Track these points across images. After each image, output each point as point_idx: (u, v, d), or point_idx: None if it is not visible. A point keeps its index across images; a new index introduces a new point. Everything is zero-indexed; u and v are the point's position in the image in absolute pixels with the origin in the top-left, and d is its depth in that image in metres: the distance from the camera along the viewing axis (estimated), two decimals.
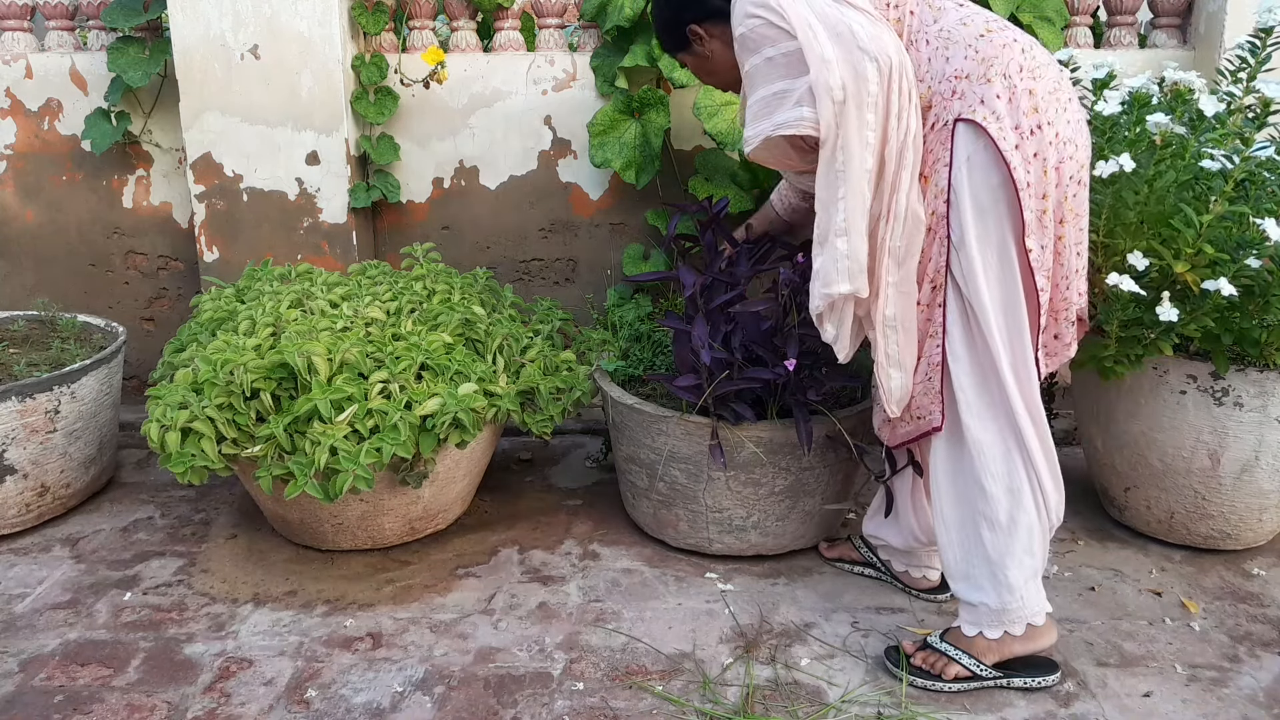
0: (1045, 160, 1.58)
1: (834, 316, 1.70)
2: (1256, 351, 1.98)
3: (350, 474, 1.89)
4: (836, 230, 1.61)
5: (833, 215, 1.61)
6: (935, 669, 1.74)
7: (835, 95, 1.55)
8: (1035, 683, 1.73)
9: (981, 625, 1.73)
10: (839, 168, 1.58)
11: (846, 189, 1.59)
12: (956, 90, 1.61)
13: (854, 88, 1.55)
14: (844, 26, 1.56)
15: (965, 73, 1.60)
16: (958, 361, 1.66)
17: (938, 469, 1.74)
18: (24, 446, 2.22)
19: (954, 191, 1.60)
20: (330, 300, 2.25)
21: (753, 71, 1.66)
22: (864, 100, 1.55)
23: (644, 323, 2.47)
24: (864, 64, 1.54)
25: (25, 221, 3.01)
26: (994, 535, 1.68)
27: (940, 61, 1.63)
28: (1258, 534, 2.17)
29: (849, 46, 1.55)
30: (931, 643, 1.78)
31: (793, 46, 1.58)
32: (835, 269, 1.63)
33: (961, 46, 1.62)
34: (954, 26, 1.65)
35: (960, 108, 1.60)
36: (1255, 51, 2.03)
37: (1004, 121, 1.57)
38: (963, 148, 1.59)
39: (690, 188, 2.69)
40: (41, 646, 1.87)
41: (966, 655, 1.73)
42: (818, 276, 1.66)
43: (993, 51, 1.60)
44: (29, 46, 2.90)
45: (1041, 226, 1.60)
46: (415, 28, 2.81)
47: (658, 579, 2.10)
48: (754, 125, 1.68)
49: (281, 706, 1.69)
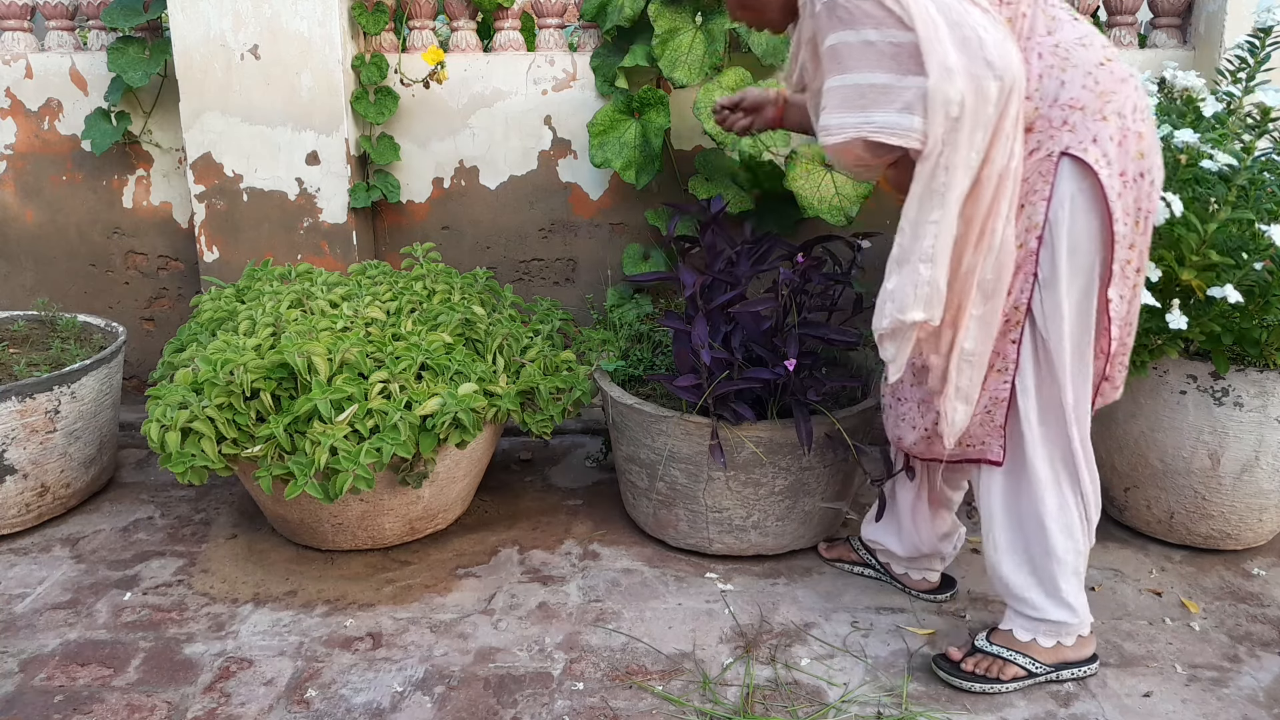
0: (1140, 210, 1.52)
1: (898, 339, 1.57)
2: (1256, 351, 1.98)
3: (350, 474, 1.89)
4: (922, 255, 1.47)
5: (921, 238, 1.47)
6: (991, 672, 1.73)
7: (952, 111, 1.39)
8: (1081, 672, 1.76)
9: (1037, 634, 1.75)
10: (939, 188, 1.44)
11: (942, 213, 1.45)
12: (1068, 121, 1.50)
13: (972, 104, 1.39)
14: (970, 30, 1.39)
15: (1081, 103, 1.49)
16: (1027, 397, 1.61)
17: (993, 499, 1.71)
18: (24, 446, 2.22)
19: (1050, 229, 1.52)
20: (330, 300, 2.25)
21: (842, 49, 1.47)
22: (979, 120, 1.40)
23: (644, 323, 2.47)
24: (988, 80, 1.38)
25: (25, 221, 3.01)
26: (1049, 563, 1.68)
27: (1053, 84, 1.51)
28: (1258, 534, 2.17)
29: (974, 56, 1.38)
30: (980, 646, 1.77)
31: (906, 39, 1.40)
32: (914, 294, 1.49)
33: (1080, 72, 1.50)
34: (1071, 45, 1.52)
35: (1070, 141, 1.49)
36: (1255, 51, 2.03)
37: (1113, 166, 1.48)
38: (1067, 185, 1.50)
39: (690, 188, 2.69)
40: (41, 646, 1.87)
41: (1022, 655, 1.74)
42: (891, 297, 1.53)
43: (1112, 85, 1.50)
44: (29, 46, 2.90)
45: (1124, 277, 1.55)
46: (415, 28, 2.81)
47: (658, 579, 2.10)
48: (839, 114, 1.49)
49: (281, 706, 1.69)
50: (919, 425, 1.77)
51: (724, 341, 2.00)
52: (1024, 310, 1.57)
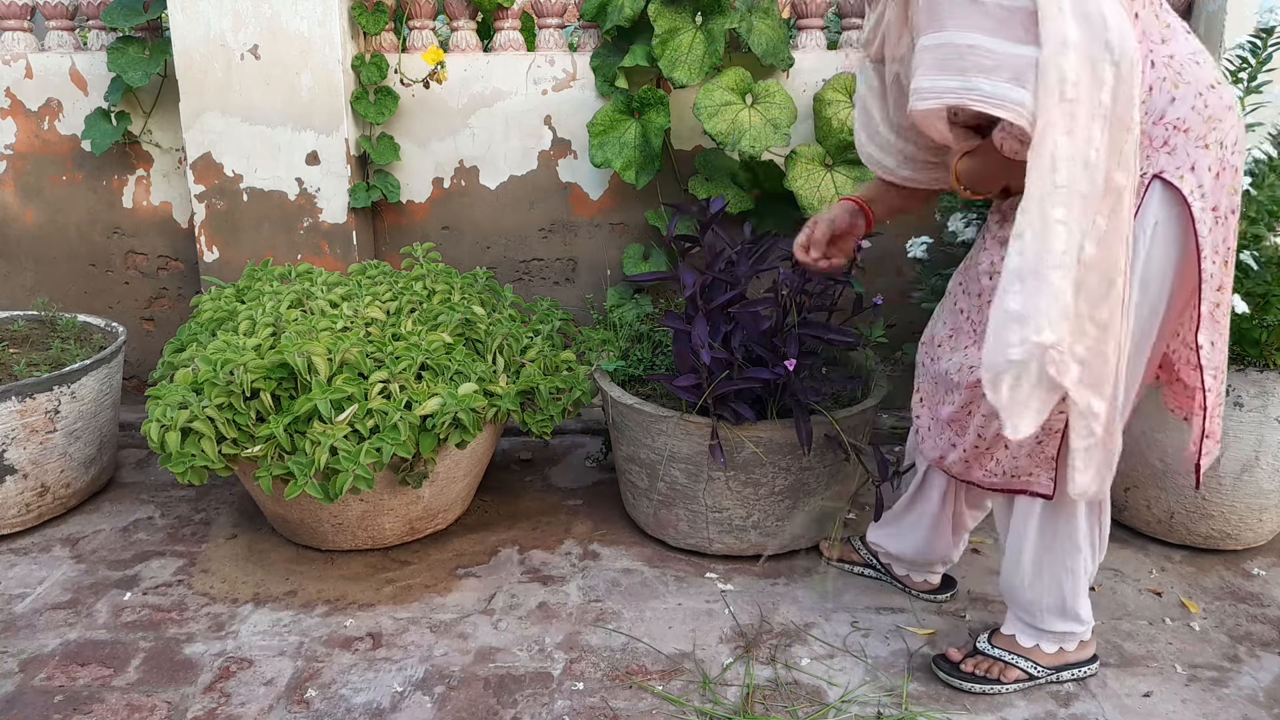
0: (1230, 249, 1.42)
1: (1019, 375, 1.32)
2: (1256, 352, 1.98)
3: (350, 474, 1.89)
4: (1055, 261, 1.27)
5: (1050, 240, 1.27)
6: (992, 674, 1.73)
7: (1067, 91, 1.22)
8: (1082, 673, 1.76)
9: (1041, 641, 1.74)
10: (1061, 182, 1.25)
11: (1067, 211, 1.26)
12: (1169, 142, 1.37)
13: (1088, 89, 1.23)
14: (1094, 5, 1.22)
15: (1186, 125, 1.37)
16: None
17: (1030, 525, 1.66)
18: (24, 446, 2.22)
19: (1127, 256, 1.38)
20: (330, 300, 2.25)
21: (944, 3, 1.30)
22: (1095, 109, 1.24)
23: (644, 323, 2.47)
24: (1103, 64, 1.23)
25: (25, 222, 3.01)
26: (1072, 583, 1.68)
27: (1163, 99, 1.38)
28: (1258, 534, 2.17)
29: (1095, 34, 1.22)
30: (982, 649, 1.77)
31: (1021, 3, 1.24)
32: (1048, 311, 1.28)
33: (1191, 91, 1.37)
34: (1186, 61, 1.40)
35: (1166, 164, 1.37)
36: (1256, 51, 2.03)
37: (1207, 200, 1.37)
38: (1152, 211, 1.38)
39: (690, 188, 2.69)
40: (41, 646, 1.87)
41: (1023, 659, 1.74)
42: (1018, 320, 1.29)
43: (1219, 112, 1.38)
44: (29, 46, 2.90)
45: (1214, 321, 1.45)
46: (415, 28, 2.81)
47: (658, 579, 2.10)
48: (934, 76, 1.31)
49: (281, 706, 1.69)
50: (961, 444, 1.67)
51: (724, 341, 2.00)
52: None
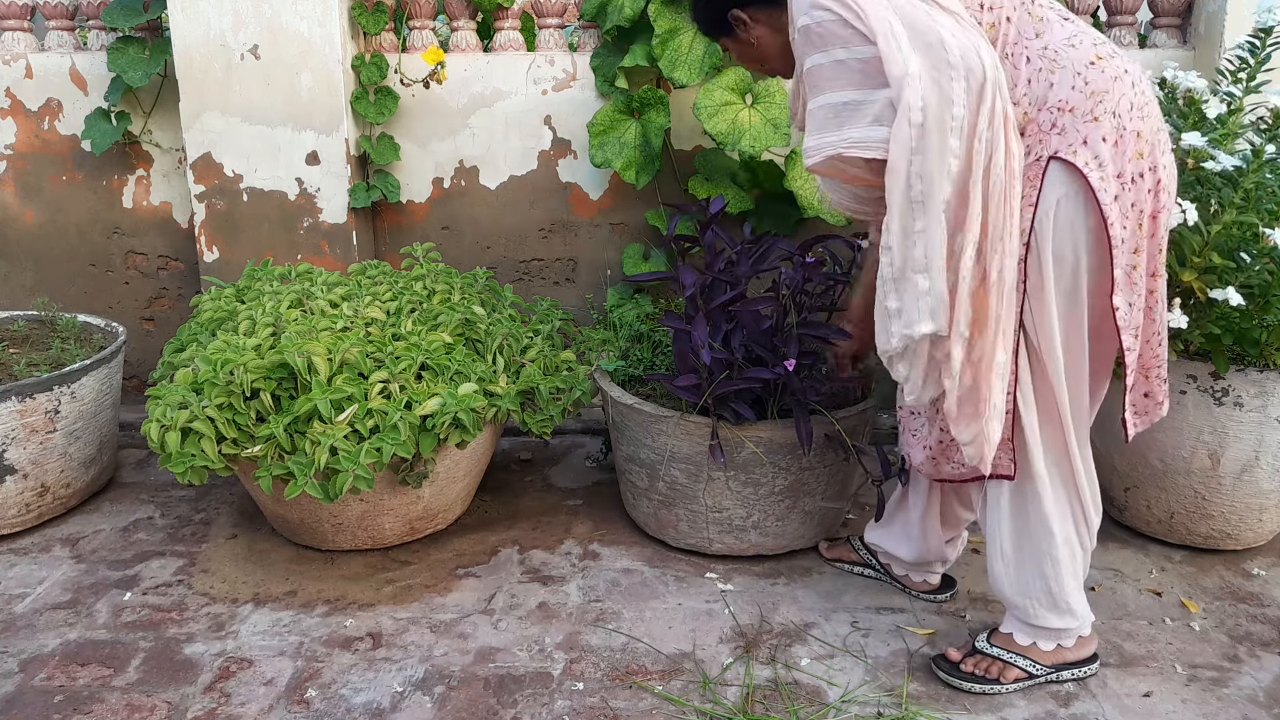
0: (1142, 211, 1.48)
1: (908, 358, 1.56)
2: (1256, 351, 1.98)
3: (350, 474, 1.89)
4: (916, 266, 1.46)
5: (910, 249, 1.46)
6: (991, 674, 1.73)
7: (914, 117, 1.39)
8: (1082, 672, 1.76)
9: (1038, 638, 1.74)
10: (916, 197, 1.43)
11: (926, 221, 1.44)
12: (1057, 124, 1.47)
13: (937, 109, 1.39)
14: (933, 35, 1.40)
15: (1070, 105, 1.46)
16: (1029, 410, 1.59)
17: (1001, 510, 1.69)
18: (24, 446, 2.22)
19: (1037, 236, 1.49)
20: (330, 300, 2.25)
21: (817, 71, 1.49)
22: (947, 124, 1.39)
23: (644, 323, 2.47)
24: (951, 83, 1.39)
25: (25, 222, 3.01)
26: (1055, 570, 1.68)
27: (1042, 86, 1.48)
28: (1258, 534, 2.17)
29: (937, 60, 1.39)
30: (981, 648, 1.77)
31: (870, 53, 1.42)
32: (917, 308, 1.48)
33: (1069, 73, 1.47)
34: (1060, 47, 1.49)
35: (1059, 144, 1.46)
36: (1255, 51, 2.03)
37: (1107, 169, 1.44)
38: (1053, 190, 1.47)
39: (690, 188, 2.69)
40: (41, 646, 1.87)
41: (1022, 658, 1.74)
42: (896, 316, 1.51)
43: (1103, 84, 1.46)
44: (29, 46, 2.90)
45: (1130, 283, 1.51)
46: (415, 28, 2.81)
47: (658, 579, 2.10)
48: (818, 135, 1.51)
49: (281, 706, 1.69)
50: (926, 443, 1.77)
51: (724, 341, 2.00)
52: (1016, 322, 1.54)
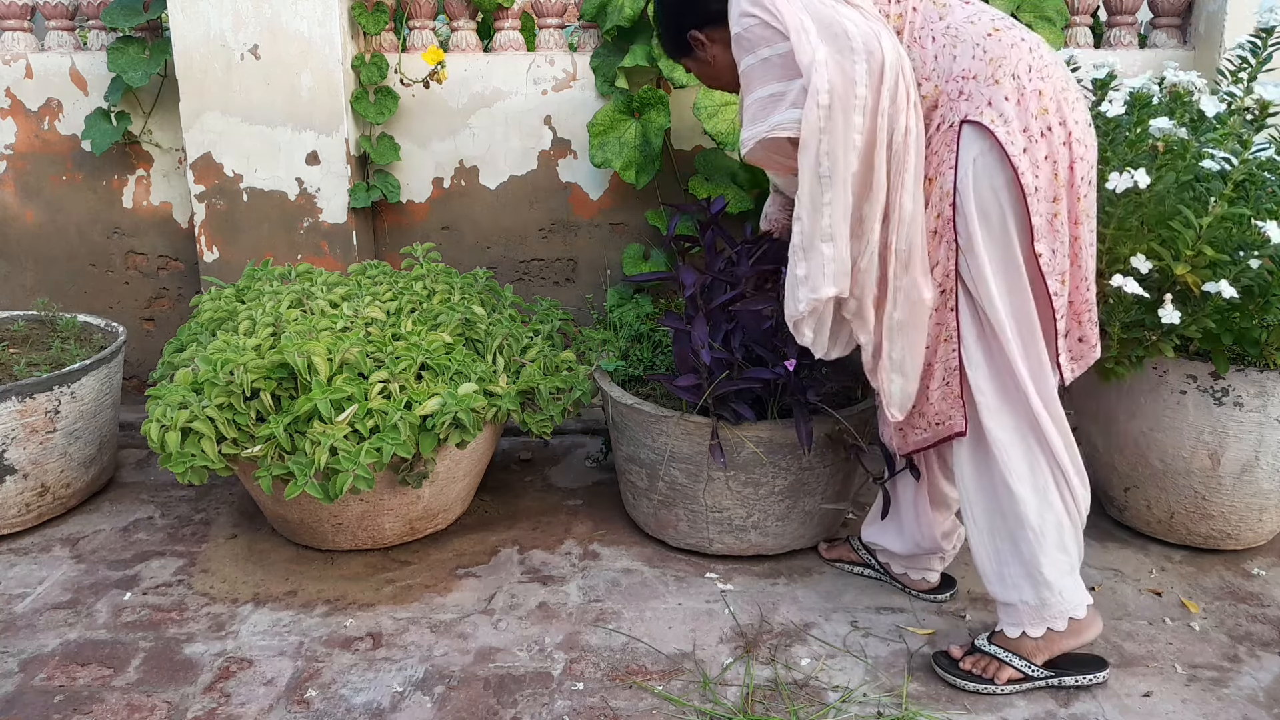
0: (1056, 163, 1.56)
1: (813, 320, 1.69)
2: (1256, 351, 1.98)
3: (350, 474, 1.89)
4: (822, 235, 1.60)
5: (818, 220, 1.59)
6: (987, 673, 1.72)
7: (821, 99, 1.52)
8: (1087, 679, 1.73)
9: (1023, 625, 1.73)
10: (824, 172, 1.56)
11: (833, 194, 1.57)
12: (964, 91, 1.58)
13: (842, 91, 1.52)
14: (838, 26, 1.54)
15: (973, 73, 1.58)
16: (974, 366, 1.64)
17: (964, 474, 1.72)
18: (24, 446, 2.22)
19: (960, 195, 1.58)
20: (330, 300, 2.25)
21: (748, 72, 1.65)
22: (851, 103, 1.53)
23: (644, 323, 2.47)
24: (854, 66, 1.52)
25: (25, 221, 3.01)
26: (1025, 534, 1.67)
27: (947, 60, 1.61)
28: (1258, 534, 2.17)
29: (841, 46, 1.53)
30: (980, 646, 1.76)
31: (786, 47, 1.56)
32: (822, 273, 1.62)
33: (969, 45, 1.59)
34: (960, 24, 1.62)
35: (967, 109, 1.57)
36: (1255, 51, 2.03)
37: (1012, 125, 1.54)
38: (968, 150, 1.57)
39: (690, 188, 2.69)
40: (41, 646, 1.87)
41: (1016, 657, 1.73)
42: (803, 282, 1.64)
43: (1001, 51, 1.58)
44: (29, 46, 2.90)
45: (1053, 230, 1.58)
46: (415, 28, 2.81)
47: (658, 579, 2.10)
48: (750, 127, 1.66)
49: (281, 706, 1.69)
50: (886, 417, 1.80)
51: (724, 341, 2.00)
52: (954, 277, 1.62)
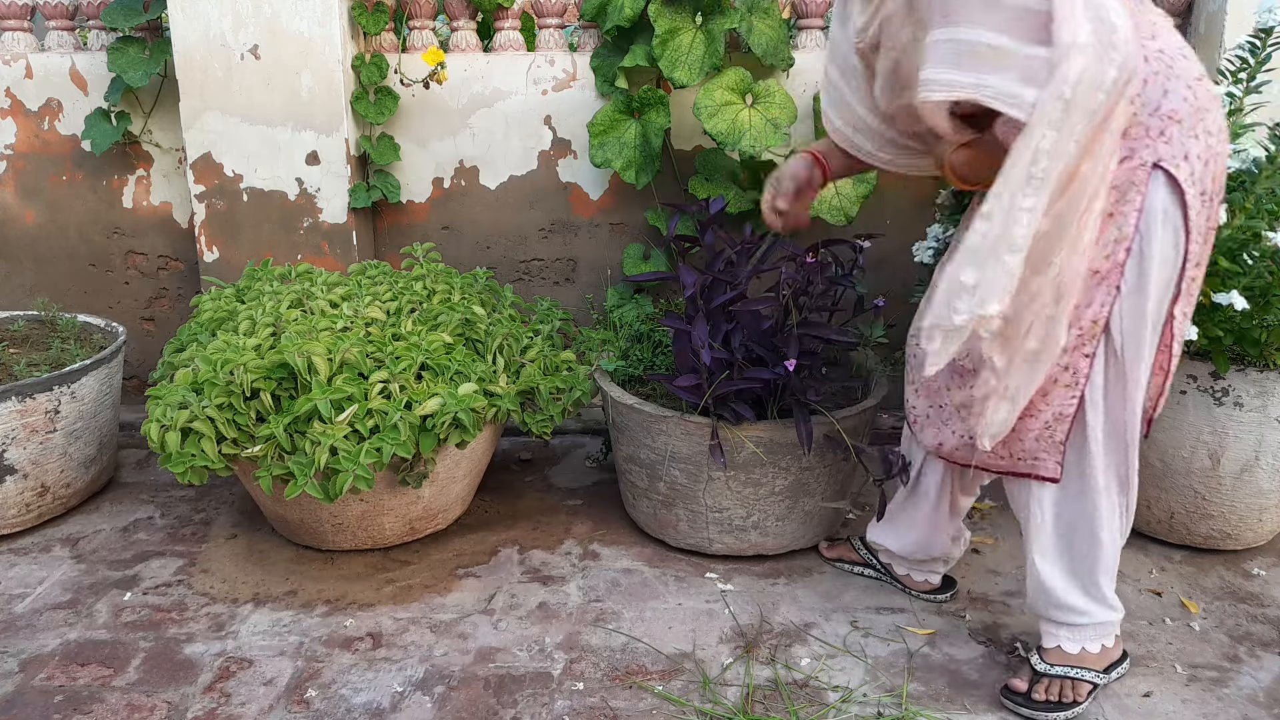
0: (1210, 229, 1.52)
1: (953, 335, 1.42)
2: (1256, 351, 1.98)
3: (350, 474, 1.89)
4: (1011, 244, 1.35)
5: (1012, 226, 1.35)
6: (1067, 697, 1.69)
7: (1065, 91, 1.28)
8: (1120, 671, 1.76)
9: (1085, 641, 1.72)
10: (1037, 174, 1.33)
11: (1036, 201, 1.34)
12: (1165, 133, 1.44)
13: (1087, 89, 1.29)
14: (1105, 10, 1.29)
15: (1179, 116, 1.44)
16: (1096, 412, 1.57)
17: (1045, 510, 1.67)
18: (24, 446, 2.22)
19: (1141, 240, 1.47)
20: (330, 300, 2.25)
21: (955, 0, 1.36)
22: (1087, 107, 1.30)
23: (644, 323, 2.47)
24: (1108, 64, 1.29)
25: (25, 222, 3.01)
26: (1096, 569, 1.67)
27: (1157, 91, 1.44)
28: (1258, 534, 2.17)
29: (1103, 38, 1.28)
30: (1042, 670, 1.72)
31: (1037, 4, 1.29)
32: (997, 288, 1.37)
33: (1182, 84, 1.44)
34: (1174, 55, 1.46)
35: (1165, 153, 1.44)
36: (1255, 51, 2.03)
37: (1197, 185, 1.45)
38: (1159, 198, 1.45)
39: (690, 188, 2.69)
40: (41, 646, 1.87)
41: (1086, 670, 1.71)
42: (969, 291, 1.38)
43: (1206, 102, 1.46)
44: (29, 46, 2.90)
45: (1189, 295, 1.53)
46: (415, 28, 2.81)
47: (658, 579, 2.10)
48: (947, 70, 1.36)
49: (281, 706, 1.69)
50: (959, 431, 1.72)
51: (724, 341, 2.00)
52: (1103, 325, 1.51)
